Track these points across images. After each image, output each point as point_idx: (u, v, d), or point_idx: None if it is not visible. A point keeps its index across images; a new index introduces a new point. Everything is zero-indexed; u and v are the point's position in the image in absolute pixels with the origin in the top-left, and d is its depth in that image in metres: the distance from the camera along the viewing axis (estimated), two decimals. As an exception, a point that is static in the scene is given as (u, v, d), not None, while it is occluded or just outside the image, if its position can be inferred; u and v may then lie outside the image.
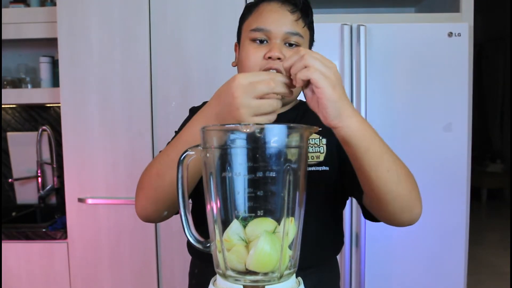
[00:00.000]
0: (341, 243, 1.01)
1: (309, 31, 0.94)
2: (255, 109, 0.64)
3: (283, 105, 0.95)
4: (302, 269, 0.65)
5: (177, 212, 0.87)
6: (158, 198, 0.81)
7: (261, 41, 0.89)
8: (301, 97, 1.03)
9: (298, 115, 0.98)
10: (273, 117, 0.66)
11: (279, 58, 0.85)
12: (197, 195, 0.86)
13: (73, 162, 1.84)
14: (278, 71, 0.84)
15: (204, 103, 1.03)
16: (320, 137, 0.93)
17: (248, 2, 0.99)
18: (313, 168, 0.90)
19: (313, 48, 1.92)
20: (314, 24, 0.99)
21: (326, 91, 0.64)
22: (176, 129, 1.00)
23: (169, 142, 0.93)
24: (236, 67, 0.97)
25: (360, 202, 0.87)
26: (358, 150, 0.68)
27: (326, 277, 0.96)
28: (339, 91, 0.65)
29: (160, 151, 0.88)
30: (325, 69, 0.64)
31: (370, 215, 0.87)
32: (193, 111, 1.04)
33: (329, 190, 0.92)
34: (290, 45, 0.89)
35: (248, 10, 0.95)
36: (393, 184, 0.71)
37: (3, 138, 2.33)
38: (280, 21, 0.88)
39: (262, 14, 0.90)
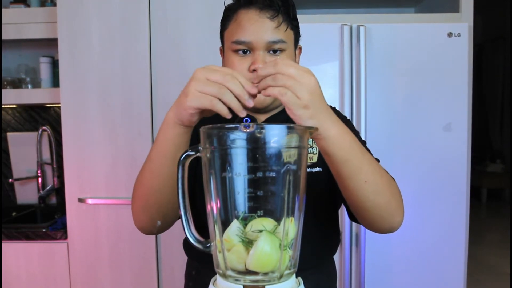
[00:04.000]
0: (337, 242, 1.01)
1: (293, 31, 0.91)
2: (202, 85, 0.65)
3: (273, 108, 0.95)
4: (300, 270, 0.65)
5: (173, 223, 0.88)
6: (146, 207, 0.82)
7: (244, 51, 0.87)
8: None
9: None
10: (216, 103, 0.64)
11: None
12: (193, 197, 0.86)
13: (73, 162, 1.84)
14: None
15: None
16: None
17: (226, 3, 0.95)
18: (307, 170, 0.90)
19: (313, 49, 1.91)
20: (314, 24, 0.98)
21: (297, 112, 0.63)
22: None
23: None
24: None
25: (345, 204, 0.88)
26: (336, 160, 0.69)
27: (323, 278, 0.96)
28: (312, 109, 0.64)
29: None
30: (297, 87, 0.62)
31: (354, 217, 0.87)
32: None
33: (323, 191, 0.92)
34: (274, 51, 0.87)
35: (227, 16, 0.92)
36: (370, 194, 0.72)
37: (3, 138, 2.33)
38: (260, 31, 0.85)
39: (241, 24, 0.87)
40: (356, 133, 0.99)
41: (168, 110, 0.74)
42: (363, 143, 0.97)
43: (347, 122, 1.00)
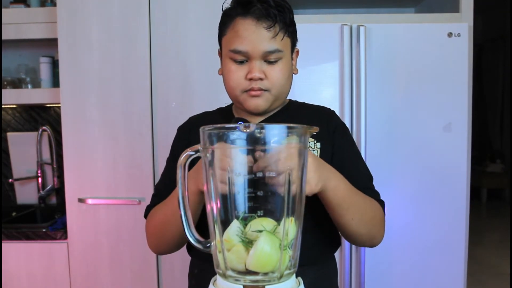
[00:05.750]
0: (338, 241, 1.01)
1: (289, 37, 0.92)
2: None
3: (269, 112, 0.96)
4: (300, 265, 0.65)
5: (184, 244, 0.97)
6: (164, 244, 0.94)
7: (241, 61, 0.89)
8: (291, 95, 1.03)
9: (288, 116, 0.98)
10: None
11: (260, 79, 0.88)
12: None
13: (73, 162, 1.84)
14: (260, 89, 0.88)
15: (190, 118, 1.06)
16: (315, 141, 0.94)
17: (224, 7, 0.96)
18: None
19: (313, 49, 1.90)
20: (313, 25, 0.99)
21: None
22: (168, 156, 1.04)
23: (162, 173, 1.01)
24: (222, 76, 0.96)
25: None
26: (330, 204, 0.82)
27: (324, 274, 0.96)
28: (318, 172, 0.75)
29: (153, 194, 1.00)
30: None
31: None
32: (180, 130, 1.05)
33: None
34: (271, 62, 0.89)
35: (225, 22, 0.93)
36: (354, 227, 0.87)
37: (3, 138, 2.33)
38: (257, 41, 0.86)
39: (239, 34, 0.88)
40: (353, 143, 1.00)
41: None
42: (358, 155, 1.00)
43: (345, 129, 1.00)
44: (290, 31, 0.91)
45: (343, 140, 0.97)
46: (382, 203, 0.95)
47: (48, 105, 2.30)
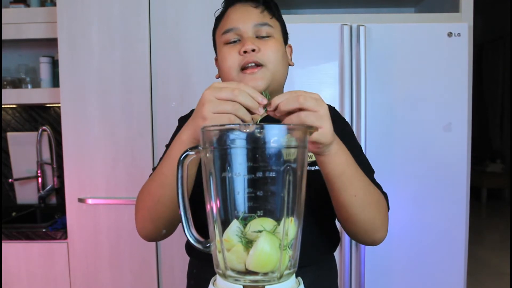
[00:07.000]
0: (337, 240, 1.01)
1: (278, 22, 0.96)
2: (216, 106, 0.67)
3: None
4: (299, 267, 0.65)
5: (175, 229, 0.91)
6: (153, 218, 0.85)
7: (234, 41, 0.91)
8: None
9: None
10: (233, 119, 0.67)
11: (253, 50, 0.87)
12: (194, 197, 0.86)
13: (73, 162, 1.84)
14: (256, 63, 0.87)
15: (192, 111, 1.05)
16: None
17: (216, 14, 1.02)
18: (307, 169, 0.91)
19: (313, 49, 1.90)
20: (313, 25, 0.99)
21: (323, 143, 0.68)
22: (167, 143, 1.02)
23: (161, 158, 0.96)
24: (220, 79, 0.97)
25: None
26: (331, 173, 0.75)
27: (323, 274, 0.96)
28: (333, 135, 0.70)
29: (153, 168, 0.94)
30: (320, 121, 0.67)
31: None
32: (182, 120, 1.05)
33: (322, 189, 0.93)
34: (263, 37, 0.91)
35: (217, 21, 0.98)
36: (358, 208, 0.78)
37: (3, 138, 2.33)
38: (246, 17, 0.91)
39: (229, 17, 0.93)
40: (353, 137, 1.00)
41: (181, 131, 0.77)
42: (359, 148, 0.99)
43: (345, 125, 1.00)
44: (281, 20, 0.97)
45: (342, 131, 0.97)
46: (385, 195, 0.91)
47: (48, 105, 2.30)
